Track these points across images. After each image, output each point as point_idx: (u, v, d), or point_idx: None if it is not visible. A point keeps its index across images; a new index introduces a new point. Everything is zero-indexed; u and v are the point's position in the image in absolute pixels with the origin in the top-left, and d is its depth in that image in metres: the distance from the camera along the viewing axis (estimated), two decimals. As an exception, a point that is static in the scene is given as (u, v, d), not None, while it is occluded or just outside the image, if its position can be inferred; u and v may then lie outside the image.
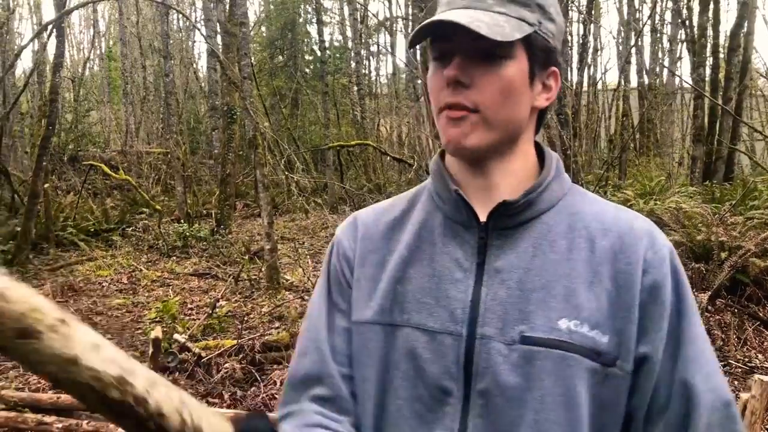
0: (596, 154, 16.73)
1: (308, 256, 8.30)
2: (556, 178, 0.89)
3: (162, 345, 4.64)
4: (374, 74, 25.15)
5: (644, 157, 15.38)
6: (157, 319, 5.69)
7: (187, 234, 9.85)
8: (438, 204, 0.91)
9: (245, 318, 5.82)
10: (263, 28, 23.51)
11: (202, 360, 4.52)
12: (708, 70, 11.08)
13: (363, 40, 20.45)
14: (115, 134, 20.17)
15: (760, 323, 5.00)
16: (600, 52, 20.45)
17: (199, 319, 5.69)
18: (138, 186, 12.30)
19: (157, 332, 4.75)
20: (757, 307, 5.18)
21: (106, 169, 12.09)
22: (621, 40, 19.13)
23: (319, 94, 18.99)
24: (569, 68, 14.65)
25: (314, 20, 20.15)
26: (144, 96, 21.03)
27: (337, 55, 22.21)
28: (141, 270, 8.27)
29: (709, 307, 5.00)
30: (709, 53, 11.08)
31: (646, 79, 17.31)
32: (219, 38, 13.80)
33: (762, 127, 16.20)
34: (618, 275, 0.82)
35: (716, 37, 11.70)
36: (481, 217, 0.86)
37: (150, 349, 4.49)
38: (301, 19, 21.92)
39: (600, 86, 20.05)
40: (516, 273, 0.83)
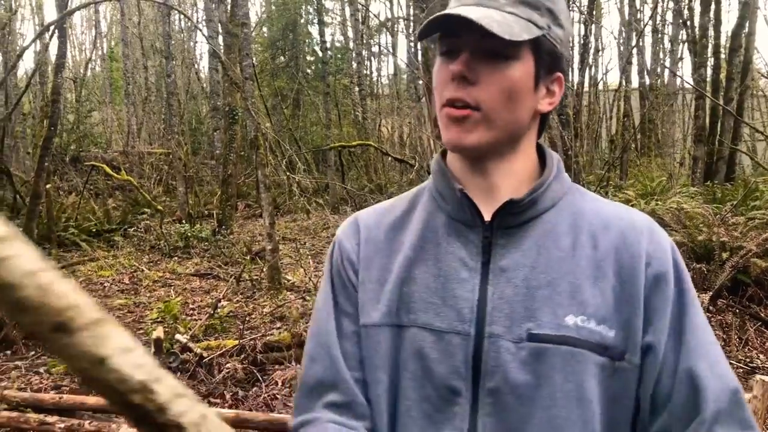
0: (597, 155, 16.72)
1: (309, 257, 8.31)
2: (557, 178, 0.89)
3: (164, 345, 4.65)
4: (375, 75, 25.23)
5: (645, 158, 15.38)
6: (159, 320, 5.70)
7: (189, 234, 9.85)
8: (440, 204, 0.91)
9: (247, 318, 5.83)
10: (265, 29, 23.53)
11: (204, 360, 4.52)
12: (709, 70, 11.09)
13: (364, 41, 20.47)
14: (117, 135, 20.19)
15: (762, 323, 4.99)
16: (601, 52, 20.49)
17: (200, 320, 5.70)
18: (140, 186, 12.30)
19: (159, 332, 4.77)
20: (759, 308, 5.17)
21: (107, 170, 12.11)
22: (622, 41, 19.14)
23: (320, 94, 19.00)
24: (570, 68, 14.63)
25: (316, 21, 20.17)
26: (146, 96, 21.06)
27: (339, 55, 22.23)
28: (143, 270, 8.28)
29: (711, 308, 5.00)
30: (710, 53, 11.09)
31: (648, 80, 17.30)
32: (221, 39, 13.81)
33: (763, 128, 16.18)
34: (622, 270, 0.82)
35: (717, 37, 11.71)
36: (485, 217, 0.86)
37: (151, 350, 4.50)
38: (302, 20, 21.95)
39: (601, 86, 20.06)
40: (522, 271, 0.83)
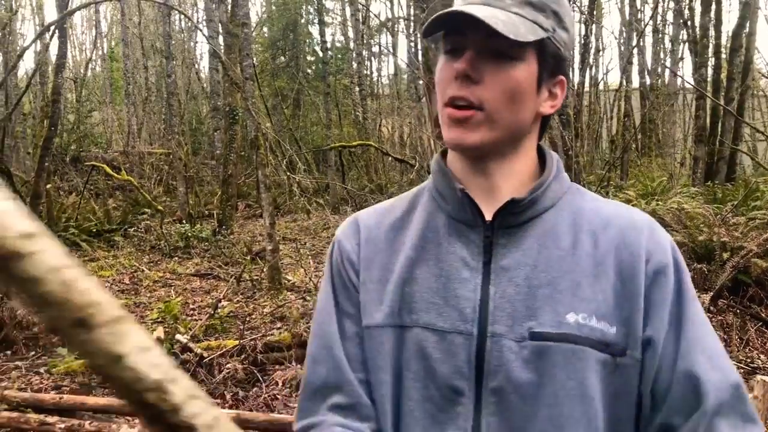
0: (598, 155, 16.72)
1: (310, 257, 8.31)
2: (557, 178, 0.89)
3: (164, 345, 4.65)
4: (376, 75, 25.22)
5: (646, 158, 15.37)
6: (159, 320, 5.69)
7: (189, 234, 9.85)
8: (440, 204, 0.91)
9: (247, 318, 5.83)
10: (265, 29, 23.54)
11: (204, 360, 4.52)
12: (710, 70, 11.09)
13: (365, 41, 20.46)
14: (117, 135, 20.19)
15: (763, 324, 4.99)
16: (602, 52, 20.46)
17: (201, 320, 5.70)
18: (140, 186, 12.30)
19: (159, 333, 4.77)
20: (760, 308, 5.17)
21: (108, 170, 12.11)
22: (623, 41, 19.14)
23: (320, 94, 19.00)
24: (571, 68, 14.62)
25: (316, 21, 20.18)
26: (146, 97, 21.07)
27: (339, 55, 22.23)
28: (143, 270, 8.28)
29: (711, 308, 4.99)
30: (711, 53, 11.09)
31: (648, 80, 17.30)
32: (221, 39, 13.80)
33: (764, 128, 16.17)
34: (622, 266, 0.83)
35: (718, 37, 11.71)
36: (486, 216, 0.86)
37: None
38: (302, 20, 21.96)
39: (602, 87, 20.06)
40: (523, 270, 0.83)
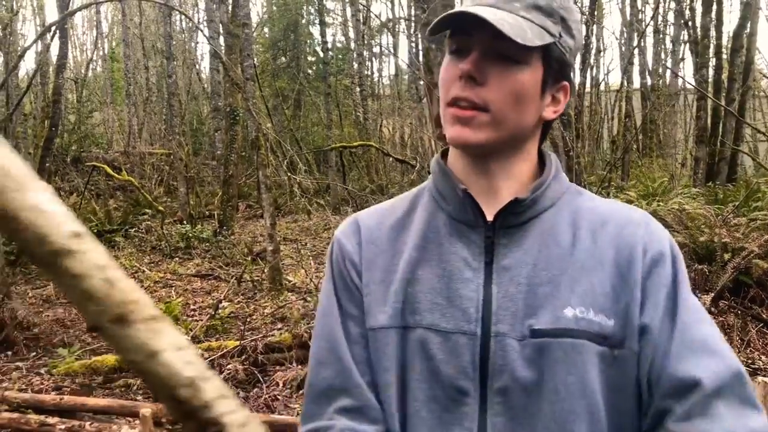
0: (599, 156, 16.71)
1: (311, 258, 8.30)
2: (556, 178, 0.90)
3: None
4: (377, 75, 25.22)
5: (647, 159, 15.35)
6: (160, 320, 5.69)
7: (190, 235, 9.85)
8: (440, 204, 0.91)
9: (248, 319, 5.83)
10: (266, 30, 23.54)
11: (205, 361, 4.52)
12: (711, 71, 11.09)
13: (365, 42, 20.46)
14: (118, 135, 20.18)
15: (764, 325, 4.98)
16: (603, 53, 20.48)
17: (201, 320, 5.70)
18: (141, 187, 12.30)
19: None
20: (761, 309, 5.16)
21: (108, 170, 12.11)
22: (624, 41, 19.13)
23: (321, 95, 19.00)
24: (572, 70, 14.60)
25: (317, 21, 20.18)
26: (147, 97, 21.07)
27: (340, 56, 22.23)
28: (144, 271, 8.28)
29: (712, 309, 4.98)
30: (712, 54, 11.08)
31: (649, 80, 17.28)
32: (222, 39, 13.80)
33: (765, 128, 16.15)
34: (620, 260, 0.83)
35: (719, 38, 11.70)
36: (487, 217, 0.87)
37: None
38: (303, 21, 21.96)
39: (603, 87, 20.05)
40: (524, 269, 0.84)
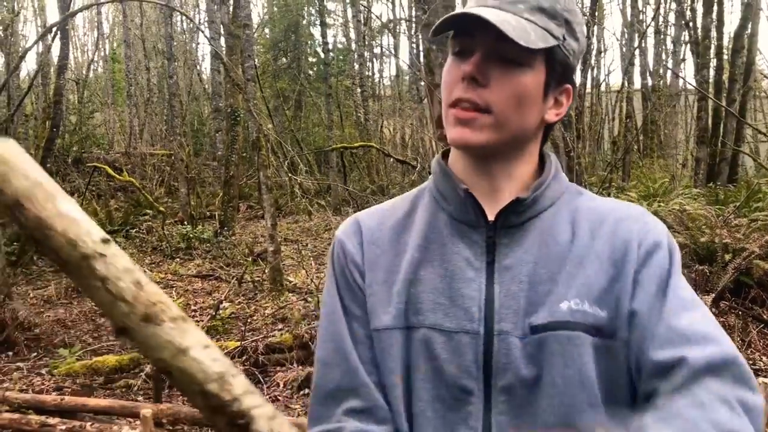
0: (600, 156, 16.71)
1: (311, 258, 8.30)
2: (555, 177, 0.91)
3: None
4: (377, 76, 25.20)
5: (648, 159, 15.33)
6: (161, 321, 5.69)
7: (191, 236, 9.84)
8: (441, 204, 0.91)
9: (248, 320, 5.83)
10: (267, 30, 23.56)
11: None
12: (712, 71, 11.08)
13: (366, 42, 20.46)
14: (119, 136, 20.18)
15: (765, 325, 4.98)
16: (603, 53, 20.46)
17: (202, 321, 5.70)
18: (142, 188, 12.31)
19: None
20: (761, 309, 5.16)
21: (109, 171, 12.12)
22: (624, 42, 19.14)
23: (322, 95, 18.99)
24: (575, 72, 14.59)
25: (318, 22, 20.18)
26: (148, 98, 21.07)
27: (341, 57, 22.24)
28: (145, 272, 8.25)
29: (713, 310, 4.98)
30: (712, 55, 11.08)
31: (650, 81, 17.28)
32: (222, 40, 13.81)
33: (766, 129, 16.14)
34: (615, 254, 0.84)
35: (720, 38, 11.70)
36: (488, 217, 0.87)
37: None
38: (304, 21, 21.97)
39: (603, 88, 20.04)
40: (525, 267, 0.84)
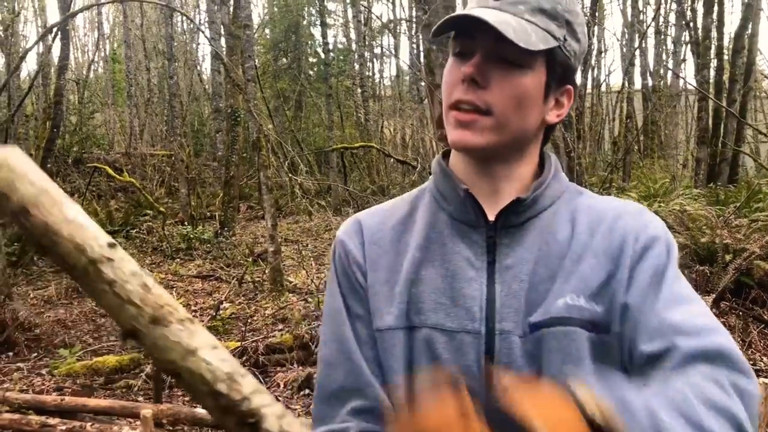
0: (600, 156, 16.70)
1: (312, 259, 8.30)
2: (555, 177, 0.91)
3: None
4: (378, 76, 25.20)
5: (648, 160, 15.33)
6: (161, 321, 5.69)
7: (191, 236, 9.84)
8: (441, 205, 0.91)
9: (249, 320, 5.83)
10: (267, 31, 23.56)
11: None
12: (712, 72, 11.08)
13: (367, 43, 20.47)
14: (120, 136, 20.18)
15: (765, 326, 4.98)
16: (604, 54, 20.46)
17: (202, 322, 5.70)
18: (142, 188, 12.31)
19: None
20: (762, 310, 5.15)
21: (110, 171, 12.11)
22: (625, 42, 19.14)
23: (322, 96, 18.99)
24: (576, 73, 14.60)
25: (318, 22, 20.19)
26: (148, 98, 21.07)
27: (341, 57, 22.23)
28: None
29: (714, 310, 4.98)
30: (713, 55, 11.08)
31: (650, 81, 17.29)
32: (223, 41, 13.81)
33: (766, 129, 16.13)
34: (613, 249, 0.84)
35: (720, 39, 11.69)
36: (488, 217, 0.87)
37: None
38: (304, 22, 21.97)
39: (604, 88, 20.03)
40: (526, 266, 0.85)
